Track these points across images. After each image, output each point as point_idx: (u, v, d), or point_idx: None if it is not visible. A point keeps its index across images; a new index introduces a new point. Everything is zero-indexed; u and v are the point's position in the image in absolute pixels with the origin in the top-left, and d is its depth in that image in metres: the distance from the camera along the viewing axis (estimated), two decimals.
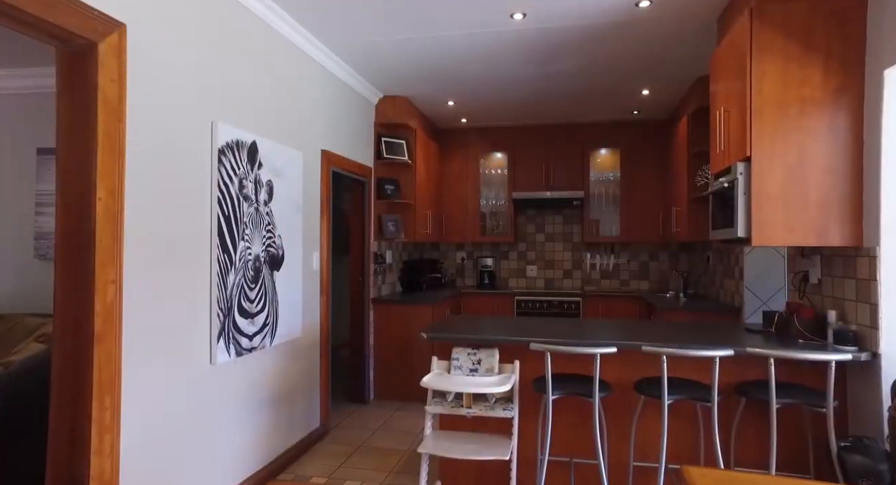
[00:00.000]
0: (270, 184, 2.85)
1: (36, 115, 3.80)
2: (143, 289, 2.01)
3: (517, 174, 5.49)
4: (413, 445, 3.31)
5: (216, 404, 2.42)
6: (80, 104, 1.82)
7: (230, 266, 2.49)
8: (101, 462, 1.81)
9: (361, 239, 4.30)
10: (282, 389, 2.98)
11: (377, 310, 4.37)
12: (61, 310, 1.82)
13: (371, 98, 4.38)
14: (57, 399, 1.80)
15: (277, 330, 2.90)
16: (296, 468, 2.96)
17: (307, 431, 3.26)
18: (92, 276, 1.80)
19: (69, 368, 1.80)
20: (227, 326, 2.47)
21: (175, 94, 2.18)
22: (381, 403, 4.23)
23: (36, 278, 3.75)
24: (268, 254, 2.83)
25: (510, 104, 4.78)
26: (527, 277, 5.76)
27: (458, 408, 2.33)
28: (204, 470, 2.33)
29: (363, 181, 4.29)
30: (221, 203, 2.43)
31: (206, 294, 2.35)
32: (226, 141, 2.47)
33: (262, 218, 2.78)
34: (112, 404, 1.85)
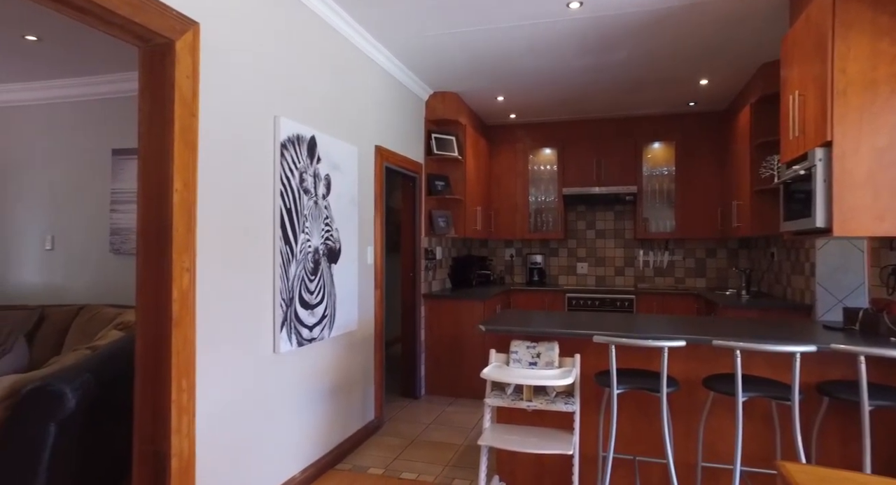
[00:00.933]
0: (328, 178, 2.91)
1: (110, 118, 4.03)
2: (213, 278, 2.09)
3: (567, 170, 5.40)
4: (467, 440, 3.29)
5: (279, 392, 2.48)
6: (159, 100, 1.91)
7: (292, 258, 2.56)
8: (180, 441, 1.89)
9: (412, 235, 4.33)
10: (339, 380, 3.03)
11: (428, 306, 4.39)
12: (143, 296, 1.91)
13: (421, 95, 4.41)
14: (140, 380, 1.89)
15: (335, 322, 2.96)
16: (353, 459, 3.00)
17: (363, 423, 3.31)
18: (170, 263, 1.88)
19: (150, 351, 1.89)
20: (289, 317, 2.53)
21: (241, 90, 2.25)
22: (432, 398, 4.24)
23: (111, 272, 3.97)
24: (326, 247, 2.88)
25: (560, 99, 4.71)
26: (577, 274, 5.65)
27: (518, 401, 2.30)
28: (268, 455, 2.40)
29: (414, 177, 4.32)
30: (283, 196, 2.50)
31: (269, 284, 2.42)
32: (287, 135, 2.53)
33: (321, 211, 2.83)
34: (188, 387, 1.93)
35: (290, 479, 2.55)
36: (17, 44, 3.34)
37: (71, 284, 4.10)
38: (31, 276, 4.22)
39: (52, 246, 4.15)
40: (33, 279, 4.21)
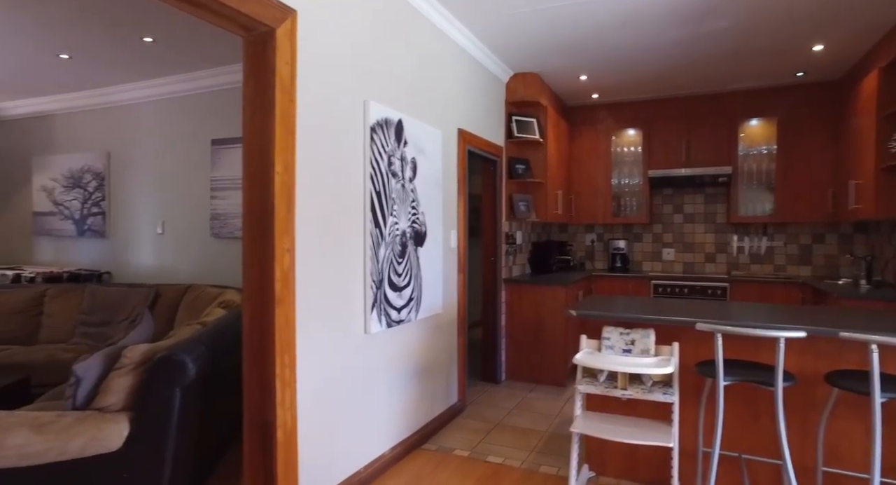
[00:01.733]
0: (414, 161, 2.92)
1: (209, 111, 4.29)
2: (310, 259, 2.16)
3: (653, 151, 5.10)
4: (551, 427, 3.24)
5: (370, 372, 2.55)
6: (261, 86, 1.99)
7: (381, 240, 2.60)
8: (284, 413, 1.98)
9: (493, 219, 4.28)
10: (425, 362, 3.07)
11: (509, 291, 4.34)
12: (248, 275, 2.01)
13: (502, 77, 4.32)
14: (248, 355, 2.00)
15: (421, 305, 2.99)
16: (438, 440, 3.04)
17: (447, 405, 3.34)
18: (272, 244, 1.97)
19: (256, 328, 1.99)
20: (379, 298, 2.58)
21: (333, 75, 2.29)
22: (513, 383, 4.21)
23: (212, 254, 4.27)
24: (413, 230, 2.91)
25: (649, 75, 4.44)
26: (662, 260, 5.36)
27: (611, 389, 2.21)
28: (361, 431, 2.48)
29: (495, 160, 4.26)
30: (373, 179, 2.54)
31: (360, 266, 2.48)
32: (376, 119, 2.56)
33: (408, 194, 2.86)
34: (290, 363, 2.02)
35: (380, 456, 2.62)
36: (137, 45, 3.62)
37: (178, 265, 4.45)
38: (146, 258, 4.63)
39: (162, 231, 4.52)
40: (148, 261, 4.61)
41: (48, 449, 1.72)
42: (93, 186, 4.91)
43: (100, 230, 4.87)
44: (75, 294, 4.04)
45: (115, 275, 4.79)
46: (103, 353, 2.00)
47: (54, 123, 5.20)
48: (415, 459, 2.78)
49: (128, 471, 1.83)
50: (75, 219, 5.03)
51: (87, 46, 3.68)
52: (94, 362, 1.96)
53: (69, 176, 5.05)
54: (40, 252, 5.32)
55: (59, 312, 3.98)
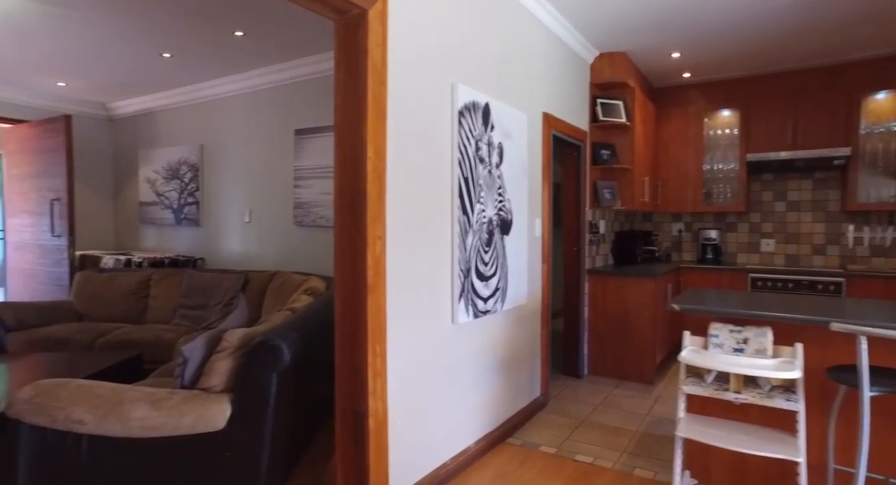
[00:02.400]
0: (501, 146, 2.81)
1: (293, 101, 4.40)
2: (399, 246, 2.12)
3: (752, 133, 4.66)
4: (642, 426, 3.05)
5: (456, 363, 2.50)
6: (353, 70, 1.96)
7: (469, 228, 2.52)
8: (376, 402, 1.97)
9: (576, 207, 4.10)
10: (509, 355, 2.98)
11: (592, 282, 4.15)
12: (340, 262, 2.00)
13: (587, 57, 4.09)
14: (340, 344, 2.00)
15: (507, 295, 2.89)
16: (522, 435, 2.95)
17: (530, 399, 3.24)
18: (364, 231, 1.94)
19: (348, 316, 1.98)
20: (466, 288, 2.51)
21: (421, 58, 2.23)
22: (596, 379, 4.03)
23: (295, 242, 4.40)
24: (499, 217, 2.81)
25: (749, 50, 4.03)
26: (761, 252, 4.91)
27: (722, 392, 2.01)
28: (447, 423, 2.43)
29: (578, 145, 4.06)
30: (461, 164, 2.46)
31: (447, 255, 2.42)
32: (464, 103, 2.48)
33: (494, 181, 2.76)
34: (381, 352, 2.00)
35: (465, 449, 2.57)
36: (229, 40, 3.76)
37: (264, 253, 4.63)
38: (235, 245, 4.86)
39: (249, 219, 4.72)
40: (237, 248, 4.84)
41: (164, 423, 1.81)
42: (188, 178, 5.22)
43: (194, 219, 5.18)
44: (175, 279, 4.31)
45: (208, 261, 5.07)
46: (206, 336, 2.08)
47: (157, 120, 5.57)
48: (499, 453, 2.71)
49: (230, 450, 1.89)
50: (174, 208, 5.37)
51: (186, 45, 3.86)
52: (199, 344, 2.03)
53: (168, 168, 5.40)
54: (145, 239, 5.76)
55: (162, 295, 4.26)
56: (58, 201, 4.89)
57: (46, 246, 5.11)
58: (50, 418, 1.80)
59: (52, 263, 5.05)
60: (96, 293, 4.30)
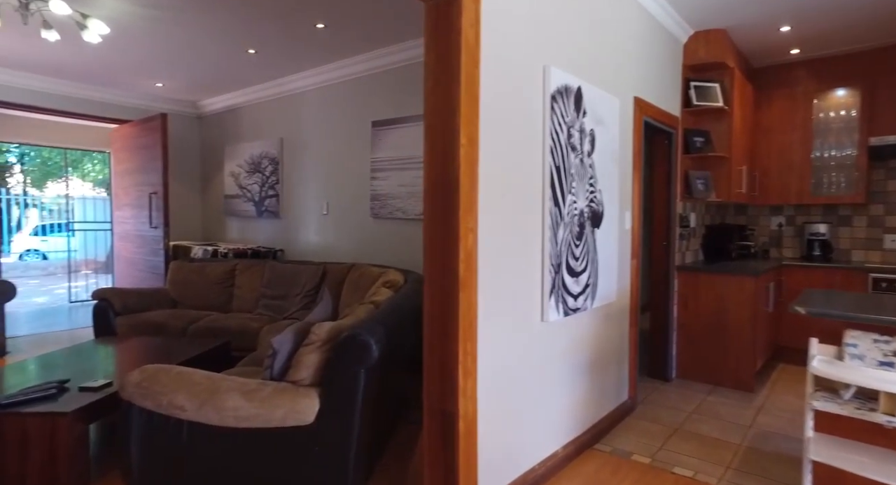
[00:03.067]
0: (593, 133, 2.62)
1: (369, 93, 4.40)
2: (491, 240, 2.01)
3: (875, 114, 4.13)
4: (746, 439, 2.77)
5: (545, 363, 2.36)
6: (445, 52, 1.85)
7: (560, 220, 2.37)
8: (466, 403, 1.88)
9: (666, 199, 3.81)
10: (596, 355, 2.81)
11: (682, 279, 3.85)
12: (430, 256, 1.92)
13: (680, 36, 3.77)
14: (429, 341, 1.92)
15: (597, 292, 2.71)
16: (611, 441, 2.77)
17: (617, 402, 3.04)
18: (456, 223, 1.84)
19: (438, 313, 1.90)
20: (557, 284, 2.36)
21: (513, 39, 2.09)
22: (686, 383, 3.74)
23: (371, 234, 4.41)
24: (590, 209, 2.63)
25: (879, 14, 3.54)
26: (883, 249, 4.36)
27: (867, 412, 1.74)
28: (535, 426, 2.31)
29: (670, 132, 3.76)
30: (553, 152, 2.31)
31: (538, 249, 2.28)
32: (556, 86, 2.31)
33: (586, 170, 2.58)
34: (472, 350, 1.90)
35: (553, 454, 2.43)
36: (310, 33, 3.80)
37: (340, 244, 4.69)
38: (312, 236, 4.96)
39: (327, 211, 4.79)
40: (314, 239, 4.94)
41: (257, 415, 1.81)
42: (269, 171, 5.39)
43: (274, 211, 5.34)
44: (258, 269, 4.45)
45: (287, 252, 5.22)
46: (294, 328, 2.07)
47: (240, 115, 5.79)
48: (588, 460, 2.55)
49: (318, 445, 1.87)
50: (255, 201, 5.58)
51: (270, 40, 3.95)
52: (287, 337, 2.03)
53: (251, 162, 5.60)
54: (229, 230, 6.03)
55: (246, 285, 4.42)
56: (155, 195, 5.21)
57: (145, 237, 5.47)
58: (155, 403, 1.86)
59: (150, 253, 5.40)
60: (188, 282, 4.53)
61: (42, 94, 5.26)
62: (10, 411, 2.09)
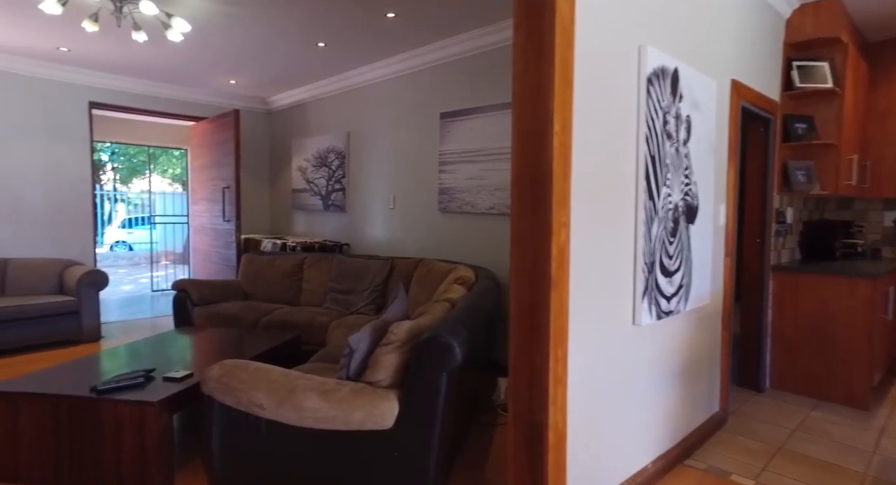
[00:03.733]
0: (689, 120, 2.38)
1: (438, 84, 4.29)
2: (583, 235, 1.84)
3: None
4: (871, 468, 2.44)
5: (634, 369, 2.17)
6: (536, 30, 1.70)
7: (654, 215, 2.16)
8: (556, 413, 1.73)
9: (761, 192, 3.46)
10: (688, 362, 2.57)
11: (778, 280, 3.49)
12: (518, 253, 1.78)
13: (782, 10, 3.40)
14: (515, 345, 1.79)
15: (690, 294, 2.47)
16: (704, 457, 2.53)
17: (707, 414, 2.79)
18: (548, 217, 1.69)
19: (526, 314, 1.76)
20: (650, 284, 2.16)
21: (607, 16, 1.90)
22: (783, 395, 3.40)
23: (439, 229, 4.32)
24: (684, 203, 2.39)
25: None
26: None
27: None
28: (624, 438, 2.12)
29: (767, 119, 3.41)
30: (648, 140, 2.10)
31: (630, 245, 2.08)
32: (653, 68, 2.10)
33: (681, 160, 2.34)
34: (563, 356, 1.75)
35: (643, 469, 2.23)
36: (380, 23, 3.73)
37: (406, 239, 4.63)
38: (378, 231, 4.94)
39: (393, 205, 4.74)
40: (380, 233, 4.92)
41: (336, 417, 1.75)
42: (335, 165, 5.42)
43: (340, 205, 5.37)
44: (326, 263, 4.48)
45: (353, 246, 5.23)
46: (371, 326, 2.00)
47: (308, 110, 5.87)
48: (681, 478, 2.33)
49: (398, 450, 1.78)
50: (322, 195, 5.63)
51: (339, 32, 3.92)
52: (364, 335, 1.96)
53: (318, 156, 5.66)
54: (296, 224, 6.15)
55: (314, 278, 4.46)
56: (228, 189, 5.37)
57: (218, 230, 5.66)
58: (235, 399, 1.84)
59: (223, 246, 5.59)
60: (258, 274, 4.63)
61: (131, 95, 5.54)
62: (106, 397, 2.16)
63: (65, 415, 2.19)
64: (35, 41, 4.32)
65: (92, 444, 2.17)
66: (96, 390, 2.20)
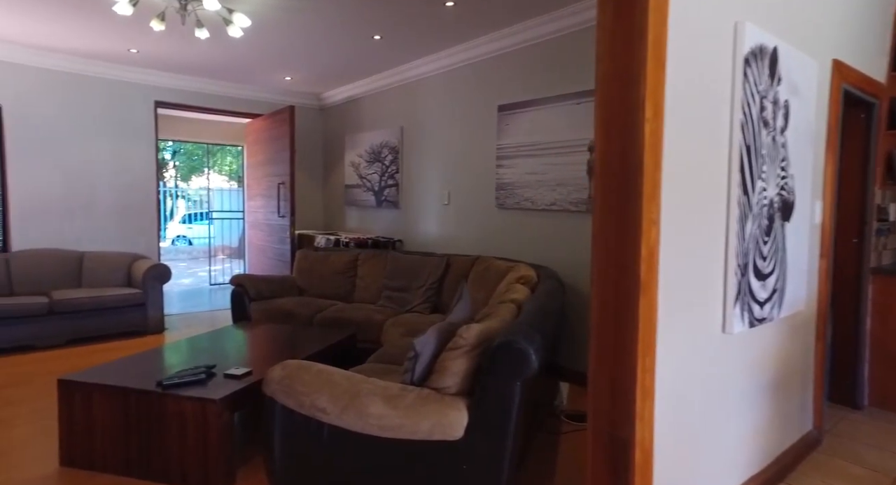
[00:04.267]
0: (787, 105, 2.13)
1: (496, 76, 4.13)
2: (671, 234, 1.66)
3: None
4: None
5: (723, 382, 1.95)
6: (626, 9, 1.52)
7: (748, 211, 1.94)
8: (643, 429, 1.56)
9: (860, 186, 3.12)
10: (780, 374, 2.32)
11: (879, 284, 3.14)
12: (601, 252, 1.62)
13: None
14: (597, 354, 1.63)
15: (784, 299, 2.23)
16: (799, 482, 2.27)
17: (800, 433, 2.52)
18: (638, 213, 1.52)
19: (610, 320, 1.59)
20: (743, 288, 1.94)
21: None
22: (885, 414, 3.05)
23: (496, 225, 4.17)
24: (780, 198, 2.15)
25: None
26: None
27: None
28: (710, 457, 1.92)
29: (870, 103, 3.06)
30: (744, 128, 1.88)
31: (720, 244, 1.87)
32: (750, 47, 1.87)
33: (778, 151, 2.10)
34: (650, 366, 1.58)
35: None
36: (438, 12, 3.61)
37: (461, 236, 4.51)
38: (432, 227, 4.85)
39: (448, 201, 4.63)
40: (434, 230, 4.82)
41: (402, 425, 1.65)
42: (389, 160, 5.36)
43: (394, 201, 5.31)
44: (380, 259, 4.42)
45: (406, 243, 5.17)
46: (437, 329, 1.89)
47: (361, 105, 5.85)
48: None
49: (467, 463, 1.66)
50: (375, 190, 5.60)
51: (396, 23, 3.83)
52: (430, 338, 1.85)
53: (371, 151, 5.63)
54: (349, 220, 6.15)
55: (368, 275, 4.41)
56: (283, 185, 5.42)
57: (273, 225, 5.74)
58: (297, 402, 1.78)
59: (278, 241, 5.66)
60: (313, 270, 4.63)
61: (192, 94, 5.69)
62: (171, 392, 2.16)
63: (133, 408, 2.21)
64: (108, 45, 4.48)
65: (158, 437, 2.18)
66: (161, 385, 2.21)
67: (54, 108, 4.92)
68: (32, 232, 4.85)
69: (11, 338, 4.05)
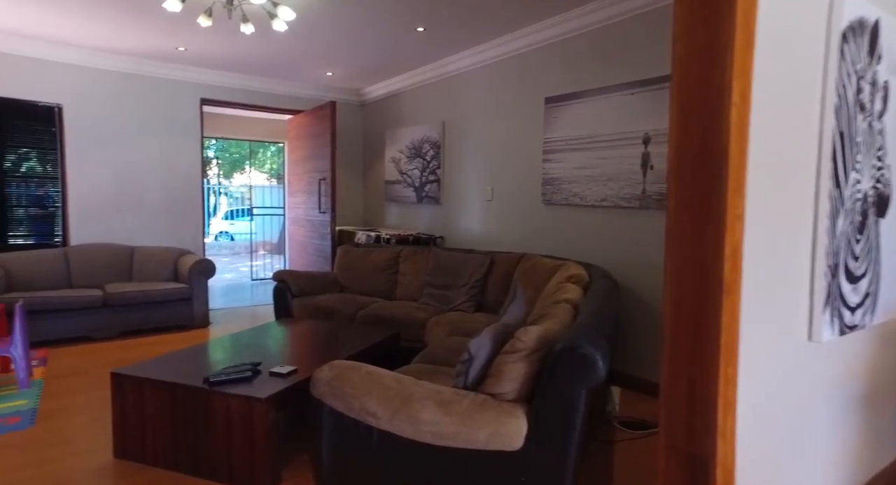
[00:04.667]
0: (886, 87, 1.91)
1: (542, 67, 3.98)
2: (755, 230, 1.49)
3: None
4: None
5: (808, 395, 1.77)
6: None
7: (840, 206, 1.74)
8: (724, 446, 1.40)
9: None
10: (871, 388, 2.10)
11: None
12: (676, 250, 1.47)
13: None
14: (670, 361, 1.48)
15: (877, 304, 2.01)
16: None
17: (894, 455, 2.29)
18: (722, 207, 1.36)
19: (686, 324, 1.44)
20: (833, 292, 1.75)
21: None
22: None
23: (542, 222, 4.02)
24: (875, 192, 1.93)
25: None
26: None
27: None
28: (796, 479, 1.74)
29: None
30: (837, 113, 1.68)
31: (807, 243, 1.69)
32: (849, 21, 1.67)
33: (874, 138, 1.89)
34: (733, 377, 1.42)
35: None
36: (481, 4, 3.49)
37: (504, 232, 4.38)
38: (474, 223, 4.73)
39: (491, 197, 4.51)
40: (476, 226, 4.70)
41: (457, 433, 1.55)
42: (430, 156, 5.28)
43: (435, 197, 5.22)
44: (422, 256, 4.34)
45: (447, 239, 5.07)
46: (492, 331, 1.78)
47: (401, 100, 5.78)
48: None
49: (526, 475, 1.55)
50: (415, 186, 5.53)
51: (440, 14, 3.73)
52: (485, 341, 1.74)
53: (411, 147, 5.56)
54: (389, 216, 6.11)
55: (410, 272, 4.34)
56: (324, 181, 5.41)
57: (314, 221, 5.75)
58: (346, 405, 1.70)
59: (318, 237, 5.66)
60: (353, 267, 4.60)
61: (235, 91, 5.76)
62: (217, 390, 2.13)
63: (181, 403, 2.20)
64: (157, 43, 4.56)
65: (205, 434, 2.16)
66: (208, 382, 2.18)
67: (107, 108, 5.06)
68: (88, 227, 5.01)
69: (71, 329, 4.19)
